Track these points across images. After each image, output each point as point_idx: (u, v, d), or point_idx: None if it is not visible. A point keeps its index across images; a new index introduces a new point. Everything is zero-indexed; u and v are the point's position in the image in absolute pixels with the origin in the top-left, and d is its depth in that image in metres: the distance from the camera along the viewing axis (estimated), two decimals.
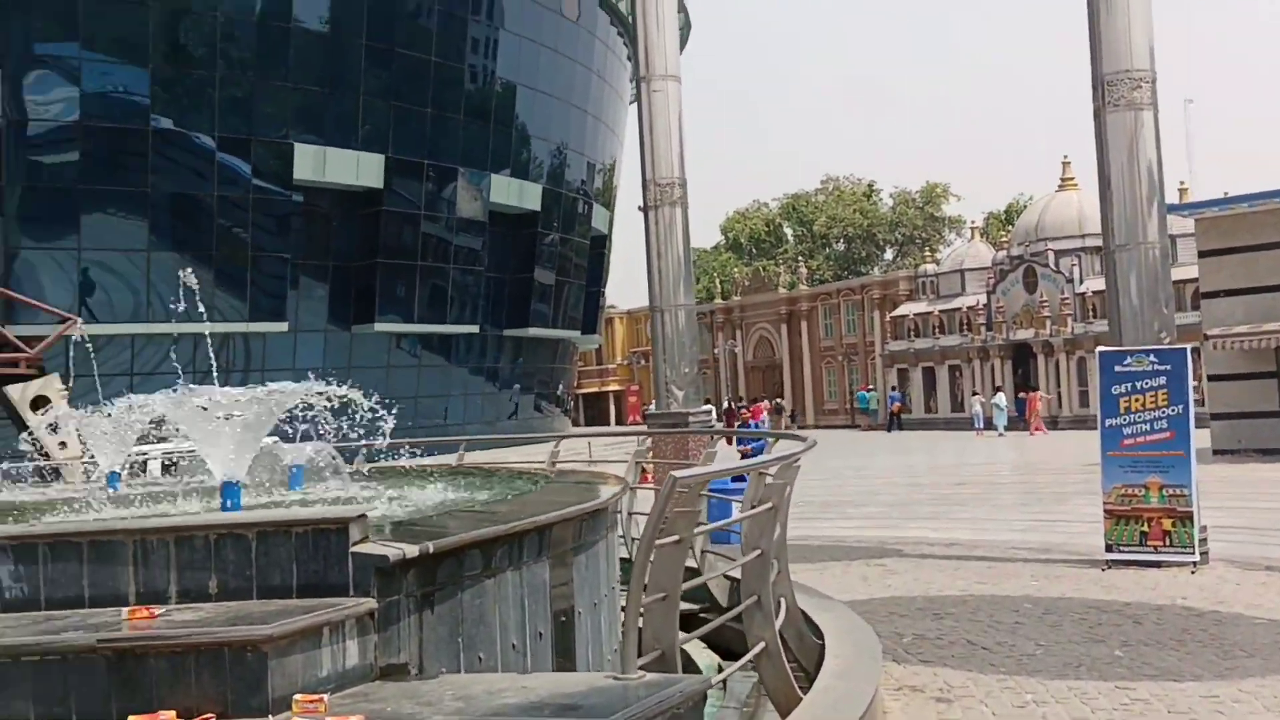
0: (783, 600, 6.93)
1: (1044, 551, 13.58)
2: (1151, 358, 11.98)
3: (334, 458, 8.21)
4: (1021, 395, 46.37)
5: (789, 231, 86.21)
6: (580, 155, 43.30)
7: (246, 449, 6.39)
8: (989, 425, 44.79)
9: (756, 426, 53.96)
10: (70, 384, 26.57)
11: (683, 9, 47.00)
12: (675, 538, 4.31)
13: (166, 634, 3.93)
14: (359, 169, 32.82)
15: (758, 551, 6.59)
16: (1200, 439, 28.27)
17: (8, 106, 28.69)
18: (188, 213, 30.68)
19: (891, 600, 9.95)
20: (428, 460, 12.80)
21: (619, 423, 76.52)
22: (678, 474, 4.16)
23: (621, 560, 10.39)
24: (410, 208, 34.74)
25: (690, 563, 10.48)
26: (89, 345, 25.31)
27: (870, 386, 57.52)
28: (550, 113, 40.48)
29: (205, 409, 6.31)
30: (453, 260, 36.14)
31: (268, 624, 3.96)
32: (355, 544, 4.41)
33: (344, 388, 6.87)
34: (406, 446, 11.19)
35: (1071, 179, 48.79)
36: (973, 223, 60.42)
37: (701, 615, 8.93)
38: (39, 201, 29.28)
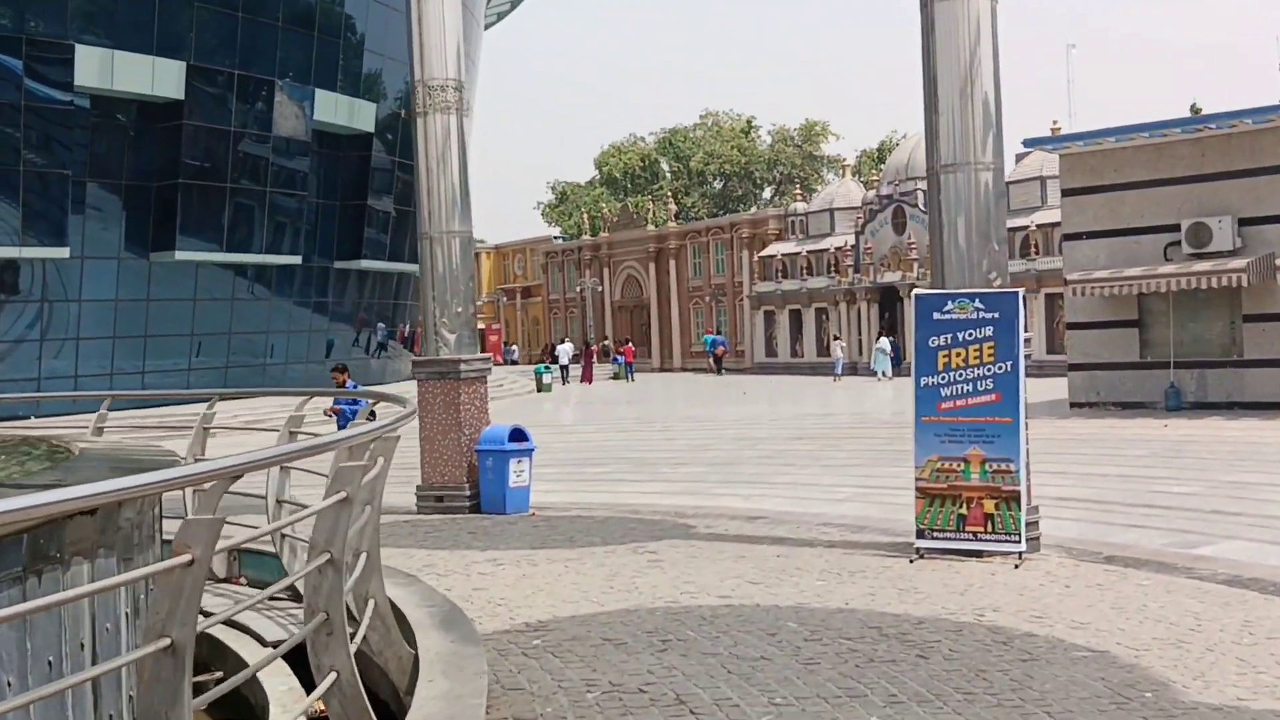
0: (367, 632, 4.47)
1: (856, 529, 11.44)
2: (977, 303, 9.76)
3: None
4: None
5: (665, 167, 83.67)
6: None
7: None
8: (869, 372, 43.22)
9: (629, 365, 51.77)
10: None
11: None
12: None
13: None
14: (155, 76, 29.21)
15: (325, 557, 4.28)
16: (1057, 390, 26.89)
17: None
18: None
19: (622, 615, 7.60)
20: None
21: None
22: None
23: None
24: (218, 122, 31.23)
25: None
26: None
27: (710, 330, 56.28)
28: (386, 25, 37.03)
29: None
30: (270, 183, 32.79)
31: None
32: None
33: None
34: None
35: None
36: (844, 160, 58.59)
37: None
38: None
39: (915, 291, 10.12)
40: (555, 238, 77.03)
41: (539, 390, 42.76)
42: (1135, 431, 19.96)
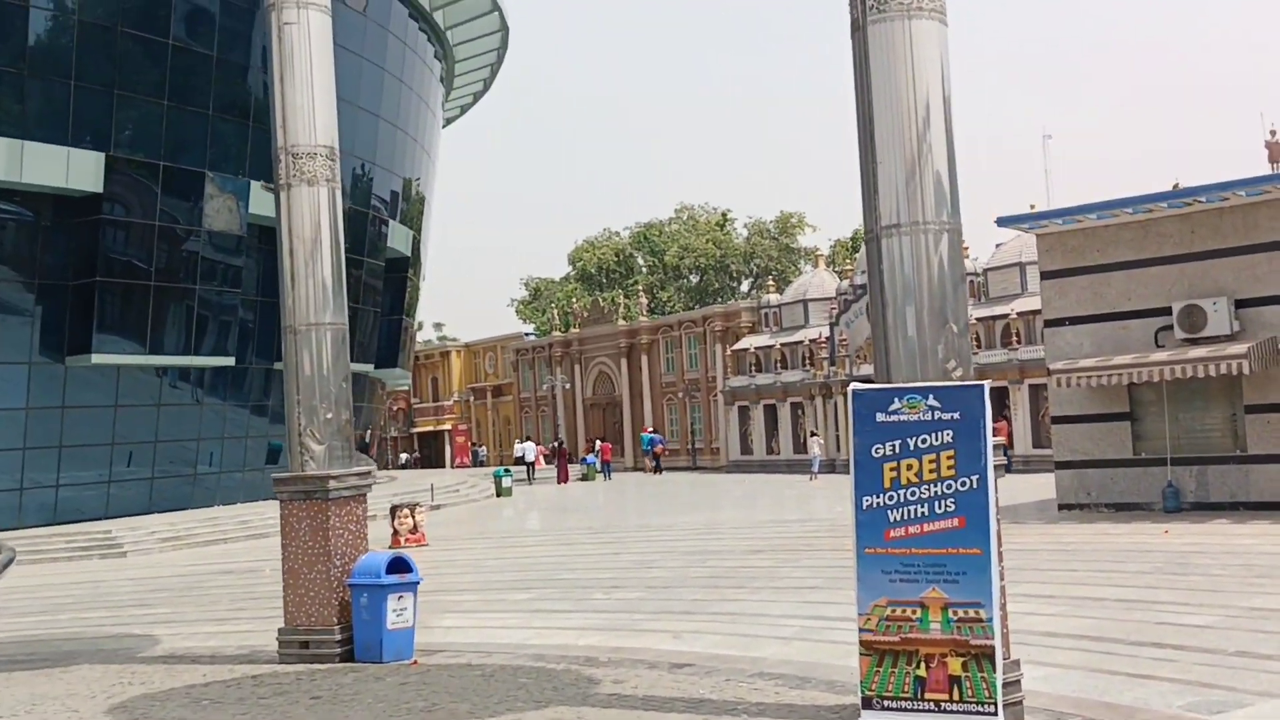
0: None
1: (798, 683, 9.20)
2: (931, 400, 7.59)
3: None
4: None
5: (640, 261, 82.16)
6: (374, 166, 38.29)
7: None
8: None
9: (606, 464, 49.59)
10: None
11: (496, 7, 42.46)
12: None
13: None
14: (70, 169, 27.29)
15: None
16: (1045, 489, 24.59)
17: None
18: None
19: None
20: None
21: (452, 464, 71.26)
22: None
23: None
24: (141, 217, 29.26)
25: None
26: None
27: (648, 429, 55.34)
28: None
29: None
30: (200, 280, 30.73)
31: None
32: None
33: None
34: None
35: None
36: (818, 251, 57.01)
37: None
38: None
39: (852, 387, 7.93)
40: (527, 334, 75.14)
41: (498, 495, 40.33)
42: (1133, 539, 17.68)
